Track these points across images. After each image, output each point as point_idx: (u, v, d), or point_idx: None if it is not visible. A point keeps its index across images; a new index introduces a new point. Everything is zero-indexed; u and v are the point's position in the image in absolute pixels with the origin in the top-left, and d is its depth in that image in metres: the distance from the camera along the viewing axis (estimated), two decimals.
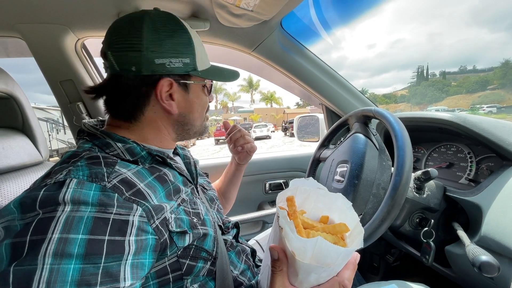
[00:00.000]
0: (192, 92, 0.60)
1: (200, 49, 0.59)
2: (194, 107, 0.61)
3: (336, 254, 0.35)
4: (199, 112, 0.63)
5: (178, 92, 0.58)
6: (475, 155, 0.85)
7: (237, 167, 0.97)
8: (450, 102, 76.44)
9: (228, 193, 0.99)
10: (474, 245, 0.63)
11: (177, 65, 0.55)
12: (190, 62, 0.57)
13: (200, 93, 0.62)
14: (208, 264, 0.53)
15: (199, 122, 0.64)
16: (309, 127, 1.69)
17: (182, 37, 0.56)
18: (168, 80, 0.55)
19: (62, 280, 0.32)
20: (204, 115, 0.66)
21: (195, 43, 0.57)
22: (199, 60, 0.58)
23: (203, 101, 0.64)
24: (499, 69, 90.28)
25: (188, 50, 0.56)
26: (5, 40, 0.97)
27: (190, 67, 0.57)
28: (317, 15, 1.74)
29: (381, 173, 0.74)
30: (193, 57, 0.57)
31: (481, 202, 0.69)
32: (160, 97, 0.55)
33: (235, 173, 0.98)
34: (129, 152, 0.52)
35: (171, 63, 0.54)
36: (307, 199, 0.47)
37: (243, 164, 0.97)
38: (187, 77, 0.58)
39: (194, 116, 0.62)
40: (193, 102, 0.61)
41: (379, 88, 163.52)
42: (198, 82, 0.61)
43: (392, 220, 0.60)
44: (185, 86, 0.59)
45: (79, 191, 0.39)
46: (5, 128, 0.76)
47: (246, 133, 0.92)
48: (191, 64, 0.57)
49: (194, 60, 0.57)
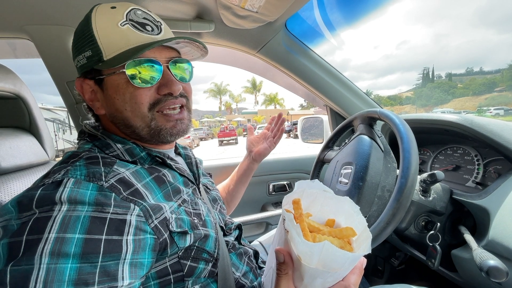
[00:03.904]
0: (109, 87, 0.52)
1: (110, 34, 0.49)
2: (116, 104, 0.52)
3: (343, 259, 0.35)
4: (128, 109, 0.51)
5: (98, 91, 0.53)
6: (482, 158, 0.84)
7: (250, 165, 1.01)
8: (456, 104, 75.58)
9: (235, 192, 1.01)
10: (482, 249, 0.62)
11: (82, 62, 0.51)
12: (93, 54, 0.49)
13: (121, 86, 0.50)
14: (210, 266, 0.53)
15: (138, 122, 0.52)
16: (313, 129, 1.68)
17: (83, 30, 0.51)
18: (79, 81, 0.54)
19: (59, 280, 0.32)
20: (145, 112, 0.52)
21: (97, 30, 0.49)
22: (107, 47, 0.49)
23: (127, 95, 0.51)
24: (506, 71, 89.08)
25: (87, 41, 0.49)
26: (14, 41, 0.99)
27: (94, 60, 0.50)
28: (322, 16, 1.74)
29: (386, 175, 0.73)
30: (95, 47, 0.49)
31: (489, 206, 0.67)
32: (86, 100, 0.55)
33: (247, 172, 1.01)
34: (129, 153, 0.52)
35: (78, 62, 0.52)
36: (313, 202, 0.47)
37: (257, 163, 1.02)
38: (95, 72, 0.51)
39: (125, 115, 0.52)
40: (112, 99, 0.52)
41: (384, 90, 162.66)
42: (109, 74, 0.50)
43: (397, 223, 0.59)
44: (100, 82, 0.52)
45: (76, 191, 0.39)
46: (12, 128, 0.77)
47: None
48: (94, 56, 0.49)
49: (98, 50, 0.49)
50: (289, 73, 1.27)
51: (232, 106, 64.77)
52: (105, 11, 0.51)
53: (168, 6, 0.93)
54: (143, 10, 0.54)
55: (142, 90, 0.51)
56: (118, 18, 0.50)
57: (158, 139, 0.55)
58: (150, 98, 0.52)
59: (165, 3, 0.91)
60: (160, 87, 0.53)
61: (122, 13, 0.51)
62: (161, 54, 0.53)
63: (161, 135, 0.54)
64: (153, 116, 0.53)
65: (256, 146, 1.01)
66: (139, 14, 0.53)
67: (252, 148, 1.01)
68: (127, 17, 0.51)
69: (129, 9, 0.52)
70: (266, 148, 0.99)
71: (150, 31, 0.52)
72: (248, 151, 1.02)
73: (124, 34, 0.49)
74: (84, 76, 0.54)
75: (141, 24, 0.52)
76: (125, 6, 0.52)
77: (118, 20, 0.50)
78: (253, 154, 1.00)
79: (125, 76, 0.49)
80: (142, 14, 0.53)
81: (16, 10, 0.85)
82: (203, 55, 0.62)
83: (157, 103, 0.53)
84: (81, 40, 0.51)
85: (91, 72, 0.52)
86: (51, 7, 0.85)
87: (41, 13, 0.86)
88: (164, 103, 0.53)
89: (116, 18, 0.50)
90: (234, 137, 24.12)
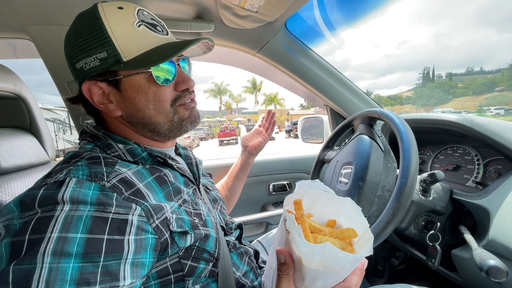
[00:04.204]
0: (128, 88, 0.51)
1: (127, 35, 0.49)
2: (137, 104, 0.52)
3: (344, 260, 0.35)
4: (151, 107, 0.53)
5: (113, 93, 0.52)
6: (482, 158, 0.84)
7: (246, 159, 1.05)
8: (456, 104, 75.51)
9: (234, 188, 1.03)
10: (482, 249, 0.62)
11: (93, 64, 0.49)
12: (109, 56, 0.48)
13: (143, 86, 0.51)
14: (210, 265, 0.53)
15: (161, 119, 0.54)
16: (314, 129, 1.68)
17: (92, 30, 0.48)
18: (88, 84, 0.51)
19: (61, 279, 0.32)
20: (168, 108, 0.54)
21: (113, 31, 0.48)
22: (126, 49, 0.49)
23: (150, 94, 0.52)
24: (507, 71, 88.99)
25: (100, 42, 0.48)
26: (14, 41, 0.99)
27: (110, 62, 0.49)
28: (322, 16, 1.74)
29: (386, 175, 0.73)
30: (111, 48, 0.48)
31: (489, 206, 0.67)
32: (94, 103, 0.52)
33: (244, 166, 1.05)
34: (130, 153, 0.52)
35: (87, 64, 0.49)
36: (315, 203, 0.47)
37: (253, 156, 1.07)
38: (111, 74, 0.51)
39: (147, 114, 0.53)
40: (133, 99, 0.52)
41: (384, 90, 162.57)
42: (129, 75, 0.51)
43: (397, 223, 0.59)
44: (117, 84, 0.52)
45: (78, 190, 0.39)
46: (12, 128, 0.77)
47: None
48: (111, 57, 0.48)
49: (115, 52, 0.48)
50: (289, 73, 1.27)
51: (232, 106, 64.74)
52: (115, 11, 0.50)
53: (168, 6, 0.93)
54: (147, 11, 0.55)
55: (164, 88, 0.53)
56: (131, 19, 0.50)
57: (177, 132, 0.57)
58: (171, 95, 0.55)
59: (165, 3, 0.91)
60: (178, 84, 0.55)
61: (133, 13, 0.51)
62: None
63: (183, 125, 0.57)
64: (175, 110, 0.55)
65: (251, 141, 1.06)
66: (147, 15, 0.53)
67: (247, 143, 1.06)
68: (139, 18, 0.51)
69: (137, 10, 0.52)
70: (261, 142, 1.05)
71: (161, 31, 0.54)
72: (244, 147, 1.07)
73: (141, 35, 0.50)
74: (94, 79, 0.51)
75: (152, 24, 0.53)
76: (132, 7, 0.52)
77: (132, 20, 0.50)
78: (248, 148, 1.04)
79: (146, 76, 0.51)
80: (148, 15, 0.54)
81: (16, 10, 0.85)
82: (205, 53, 0.64)
83: (178, 99, 0.55)
84: (89, 41, 0.48)
85: (104, 74, 0.51)
86: (51, 7, 0.85)
87: (41, 13, 0.86)
88: (183, 98, 0.56)
89: (130, 19, 0.50)
90: (234, 137, 24.11)
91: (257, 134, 1.08)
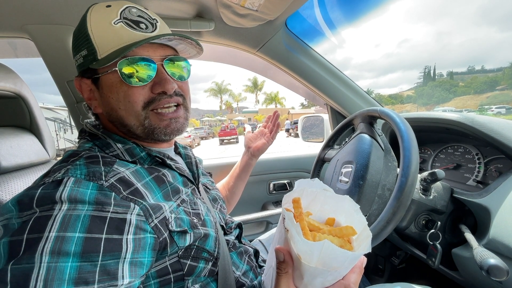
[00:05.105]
0: (104, 86, 0.52)
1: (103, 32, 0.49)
2: (111, 103, 0.52)
3: (343, 258, 0.35)
4: (122, 108, 0.51)
5: (95, 90, 0.54)
6: (483, 156, 0.84)
7: (249, 161, 1.05)
8: (457, 102, 75.31)
9: (235, 188, 1.03)
10: (482, 248, 0.62)
11: (79, 61, 0.52)
12: (89, 53, 0.49)
13: (115, 85, 0.50)
14: (210, 265, 0.53)
15: (132, 121, 0.52)
16: (314, 128, 1.68)
17: (80, 29, 0.51)
18: (77, 80, 0.54)
19: (59, 278, 0.32)
20: (138, 110, 0.51)
21: (92, 29, 0.49)
22: (101, 46, 0.49)
23: (121, 93, 0.50)
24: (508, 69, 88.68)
25: (83, 40, 0.50)
26: (14, 40, 0.99)
27: (89, 59, 0.50)
28: (322, 14, 1.73)
29: (387, 174, 0.73)
30: (90, 46, 0.49)
31: (490, 204, 0.67)
32: (84, 98, 0.56)
33: (246, 168, 1.05)
34: (129, 152, 0.52)
35: (76, 61, 0.53)
36: (314, 201, 0.47)
37: (256, 158, 1.06)
38: (91, 72, 0.52)
39: (120, 114, 0.52)
40: (107, 98, 0.52)
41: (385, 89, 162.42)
42: (104, 73, 0.50)
43: (397, 222, 0.59)
44: (97, 81, 0.53)
45: (76, 190, 0.39)
46: (13, 127, 0.78)
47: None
48: (90, 55, 0.49)
49: (93, 49, 0.49)
50: (290, 71, 1.27)
51: (233, 105, 64.74)
52: (100, 10, 0.51)
53: (168, 5, 0.93)
54: (138, 8, 0.53)
55: (136, 89, 0.50)
56: (112, 17, 0.50)
57: (152, 137, 0.54)
58: (144, 97, 0.51)
59: (165, 2, 0.91)
60: (154, 86, 0.52)
61: (117, 11, 0.50)
62: (155, 52, 0.52)
63: (155, 134, 0.54)
64: (147, 114, 0.52)
65: (254, 142, 1.05)
66: (134, 12, 0.52)
67: (250, 144, 1.05)
68: (121, 15, 0.50)
69: (123, 7, 0.51)
70: (264, 144, 1.04)
71: (144, 28, 0.51)
72: (247, 147, 1.06)
73: (117, 32, 0.49)
74: (82, 75, 0.54)
75: (135, 22, 0.51)
76: (120, 4, 0.52)
77: (112, 18, 0.49)
78: (251, 150, 1.04)
79: (118, 75, 0.49)
80: (137, 12, 0.52)
81: (16, 10, 0.85)
82: (198, 53, 0.61)
83: (151, 102, 0.52)
84: (78, 39, 0.51)
85: (88, 71, 0.52)
86: (51, 6, 0.85)
87: (41, 12, 0.86)
88: (158, 102, 0.53)
89: (110, 17, 0.50)
90: (234, 136, 24.13)
91: (261, 135, 1.07)
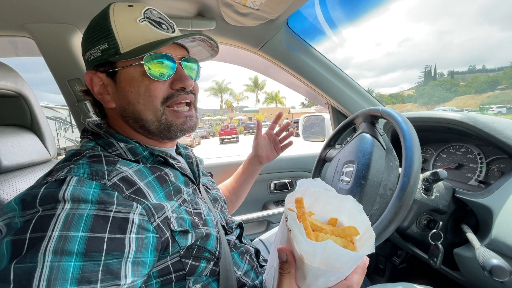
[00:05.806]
0: (122, 80, 0.52)
1: (128, 28, 0.51)
2: (128, 97, 0.52)
3: (346, 258, 0.34)
4: (141, 102, 0.52)
5: (110, 84, 0.54)
6: (485, 156, 0.83)
7: (256, 167, 1.03)
8: (458, 102, 75.21)
9: (241, 192, 1.03)
10: (484, 248, 0.62)
11: (95, 54, 0.52)
12: (109, 47, 0.50)
13: (136, 79, 0.52)
14: (211, 265, 0.53)
15: (150, 116, 0.53)
16: (315, 127, 1.68)
17: (99, 24, 0.52)
18: (90, 74, 0.54)
19: (62, 277, 0.32)
20: (157, 105, 0.53)
21: (116, 24, 0.50)
22: (125, 41, 0.50)
23: (142, 87, 0.52)
24: (509, 69, 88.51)
25: (104, 34, 0.50)
26: (15, 39, 0.99)
27: (109, 53, 0.51)
28: (323, 13, 1.73)
29: (388, 173, 0.73)
30: (111, 40, 0.50)
31: (492, 204, 0.67)
32: (94, 93, 0.55)
33: (253, 173, 1.03)
34: (131, 152, 0.53)
35: (91, 54, 0.53)
36: (316, 201, 0.47)
37: (263, 165, 1.03)
38: (109, 65, 0.52)
39: (137, 108, 0.52)
40: (125, 91, 0.52)
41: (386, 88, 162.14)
42: (124, 67, 0.51)
43: (399, 222, 0.59)
44: (114, 75, 0.53)
45: (79, 189, 0.39)
46: (14, 126, 0.77)
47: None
48: (110, 48, 0.50)
49: (115, 44, 0.50)
50: (291, 71, 1.26)
51: (233, 105, 64.72)
52: (123, 8, 0.53)
53: (169, 4, 0.93)
54: (157, 11, 0.57)
55: (157, 84, 0.52)
56: (136, 15, 0.52)
57: (167, 134, 0.56)
58: (163, 92, 0.53)
59: (166, 1, 0.91)
60: (174, 82, 0.55)
61: (140, 10, 0.53)
62: (175, 51, 0.55)
63: (171, 130, 0.55)
64: (164, 111, 0.54)
65: (264, 150, 1.01)
66: (155, 14, 0.56)
67: (260, 153, 1.01)
68: (145, 15, 0.53)
69: (146, 8, 0.54)
70: (274, 155, 1.04)
71: (166, 29, 0.55)
72: (254, 153, 1.02)
73: (142, 29, 0.52)
74: (95, 69, 0.54)
75: (157, 22, 0.54)
76: (142, 6, 0.55)
77: (136, 16, 0.52)
78: (259, 158, 1.01)
79: (140, 69, 0.51)
80: (157, 14, 0.56)
81: (17, 9, 0.84)
82: (212, 55, 0.65)
83: (170, 98, 0.54)
84: (96, 33, 0.52)
85: (104, 65, 0.53)
86: (52, 5, 0.85)
87: (42, 11, 0.86)
88: (176, 97, 0.55)
89: (134, 15, 0.52)
90: (235, 135, 24.14)
91: (269, 139, 1.04)
